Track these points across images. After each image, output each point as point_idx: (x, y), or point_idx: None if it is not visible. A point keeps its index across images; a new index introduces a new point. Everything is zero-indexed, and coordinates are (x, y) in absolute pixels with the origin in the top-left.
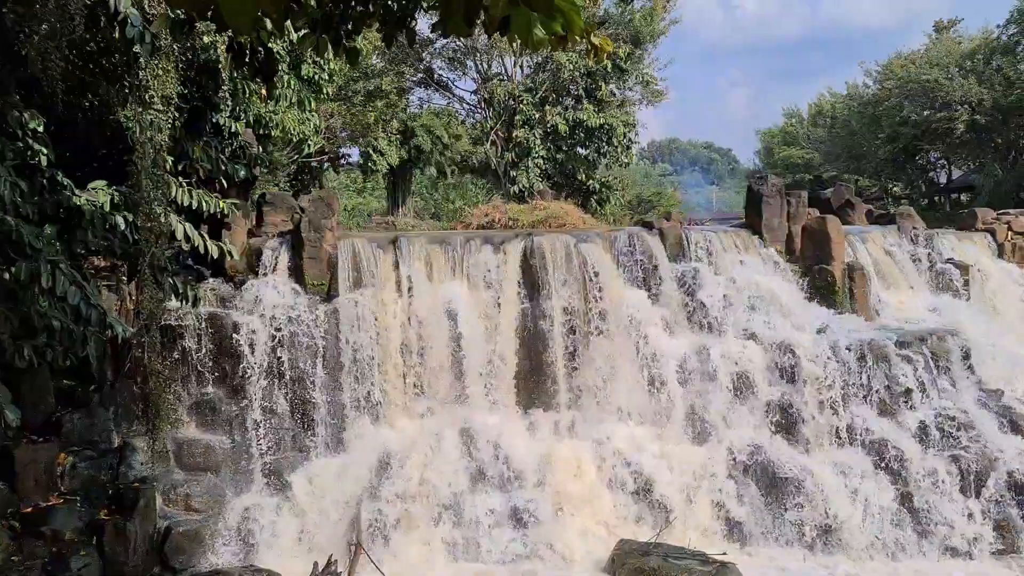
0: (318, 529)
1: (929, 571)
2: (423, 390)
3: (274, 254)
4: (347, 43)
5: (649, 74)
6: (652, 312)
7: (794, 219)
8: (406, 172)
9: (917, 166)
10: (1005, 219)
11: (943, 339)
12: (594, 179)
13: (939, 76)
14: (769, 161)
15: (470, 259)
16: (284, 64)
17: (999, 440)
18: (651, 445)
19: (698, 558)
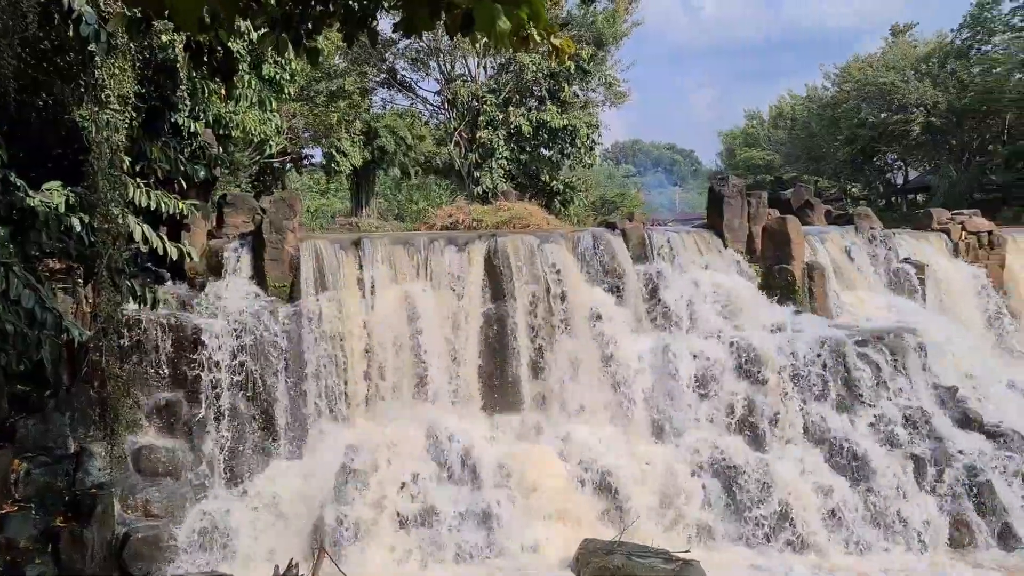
0: (280, 533)
1: (888, 565)
2: (387, 392)
3: (235, 256)
4: (307, 43)
5: (612, 75)
6: (615, 312)
7: (755, 220)
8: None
9: (875, 167)
10: (959, 219)
11: (900, 337)
12: (558, 180)
13: (895, 79)
14: (731, 162)
15: (433, 260)
16: (245, 64)
17: (954, 436)
18: (615, 445)
19: (661, 556)
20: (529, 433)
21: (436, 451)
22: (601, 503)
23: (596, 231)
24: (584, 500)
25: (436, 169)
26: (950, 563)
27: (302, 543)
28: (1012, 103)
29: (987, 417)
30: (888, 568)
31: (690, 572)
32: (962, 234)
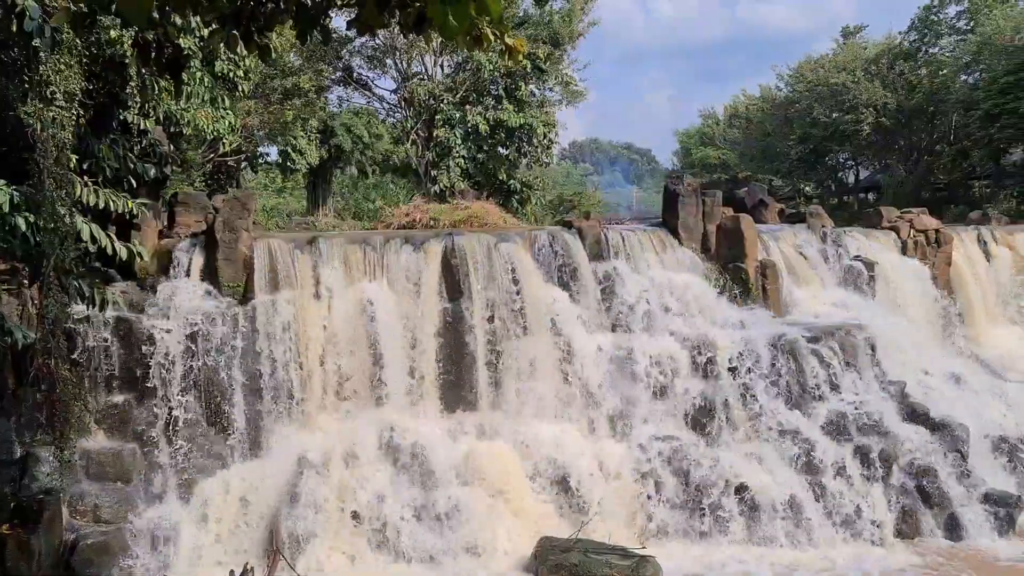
0: (235, 537)
1: (839, 557)
2: (343, 393)
3: (187, 255)
4: (259, 39)
5: (569, 75)
6: (572, 311)
7: (709, 218)
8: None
9: (827, 166)
10: (908, 217)
11: (850, 333)
12: (515, 179)
13: (846, 80)
14: (687, 161)
15: (390, 259)
16: (197, 60)
17: (901, 429)
18: (572, 442)
19: (618, 552)
20: (486, 432)
21: (392, 451)
22: (558, 501)
23: (553, 230)
24: (541, 498)
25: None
26: (898, 554)
27: (257, 546)
28: (958, 104)
29: (933, 411)
30: (839, 560)
31: (646, 567)
32: (910, 232)
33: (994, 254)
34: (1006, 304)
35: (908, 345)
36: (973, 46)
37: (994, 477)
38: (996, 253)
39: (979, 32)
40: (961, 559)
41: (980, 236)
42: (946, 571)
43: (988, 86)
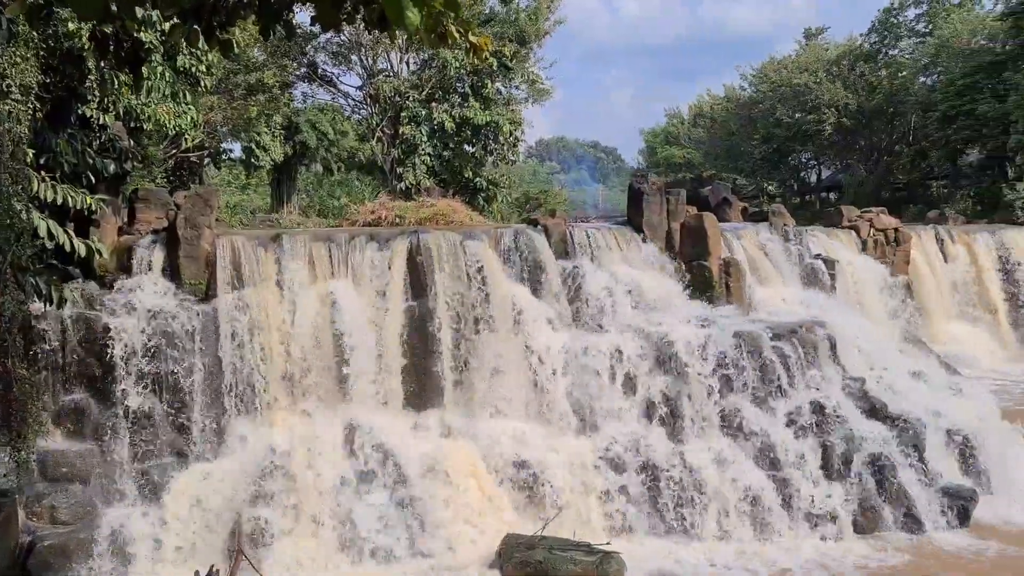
0: (197, 537)
1: (799, 551)
2: (307, 391)
3: (148, 253)
4: (221, 35)
5: (535, 73)
6: (537, 308)
7: (674, 216)
8: (291, 168)
9: (790, 166)
10: (867, 216)
11: (812, 331)
12: (481, 177)
13: (808, 80)
14: (652, 160)
15: (355, 257)
16: (157, 54)
17: (861, 425)
18: (537, 440)
19: (582, 549)
20: (451, 429)
21: (357, 449)
22: (523, 498)
23: (518, 228)
24: (506, 496)
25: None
26: (858, 548)
27: (219, 546)
28: (916, 105)
29: (892, 407)
30: (799, 553)
31: (611, 564)
32: (870, 231)
33: (951, 253)
34: (962, 301)
35: (868, 342)
36: (931, 48)
37: (950, 471)
38: (953, 252)
39: (937, 35)
40: (918, 552)
41: (938, 235)
42: (903, 564)
43: (945, 88)
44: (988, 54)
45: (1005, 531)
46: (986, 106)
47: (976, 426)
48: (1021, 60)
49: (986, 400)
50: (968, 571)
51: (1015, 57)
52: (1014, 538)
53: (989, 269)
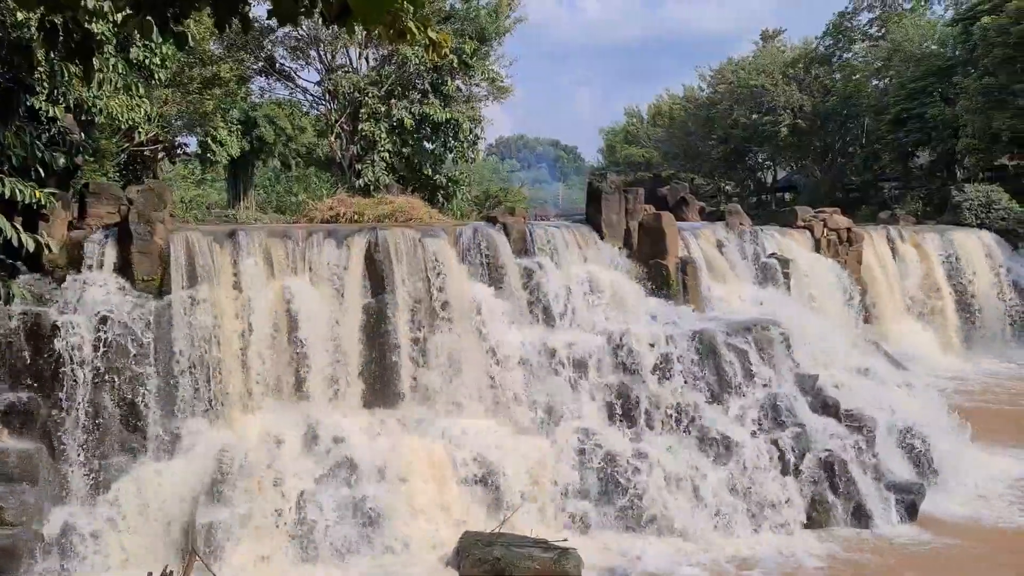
0: (149, 538)
1: (752, 546)
2: (263, 389)
3: (99, 248)
4: (175, 27)
5: (495, 71)
6: (496, 306)
7: (632, 215)
8: (248, 164)
9: (747, 166)
10: (821, 217)
11: (766, 329)
12: (441, 174)
13: (765, 82)
14: (612, 159)
15: (312, 254)
16: (110, 46)
17: (814, 422)
18: (495, 437)
19: (540, 546)
20: (410, 427)
21: (314, 448)
22: (481, 495)
23: (478, 225)
24: (464, 493)
25: (317, 161)
26: (809, 542)
27: (172, 547)
28: (869, 108)
29: (844, 403)
30: (753, 549)
31: (567, 559)
32: (824, 231)
33: (902, 253)
34: (912, 301)
35: (820, 340)
36: (884, 52)
37: (899, 466)
38: (903, 252)
39: (890, 39)
40: (867, 546)
41: (889, 236)
42: (853, 558)
43: (897, 91)
44: (938, 59)
45: (951, 524)
46: (936, 110)
47: (924, 422)
48: (970, 65)
49: (934, 397)
50: (914, 563)
51: (964, 62)
52: (959, 531)
53: (938, 269)
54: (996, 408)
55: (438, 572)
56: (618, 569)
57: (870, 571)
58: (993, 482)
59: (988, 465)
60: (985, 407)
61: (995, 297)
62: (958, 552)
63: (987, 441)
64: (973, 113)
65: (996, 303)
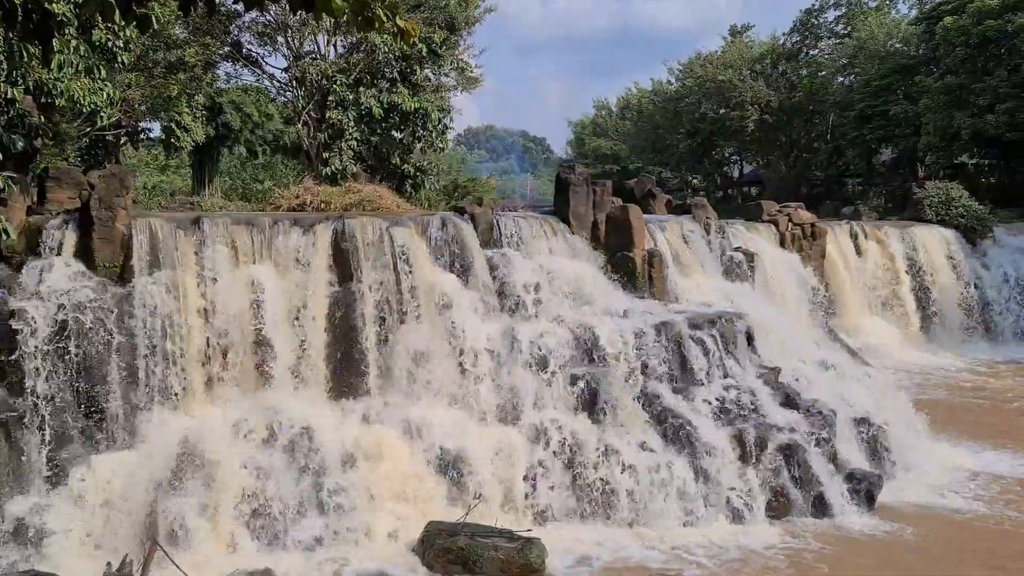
0: (109, 528)
1: (714, 535)
2: (227, 377)
3: (59, 233)
4: (138, 9)
5: (464, 60)
6: (463, 296)
7: (599, 207)
8: (213, 150)
9: (713, 160)
10: (786, 211)
11: (730, 322)
12: (409, 163)
13: (733, 77)
14: (580, 151)
15: (278, 242)
16: (71, 27)
17: (775, 413)
18: (461, 427)
19: (505, 535)
20: (375, 417)
21: (278, 437)
22: (446, 486)
23: (445, 215)
24: (429, 483)
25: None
26: (769, 532)
27: (133, 537)
28: (835, 104)
29: (805, 396)
30: (715, 539)
31: (532, 549)
32: (788, 225)
33: (864, 248)
34: (873, 295)
35: (783, 333)
36: (849, 50)
37: (858, 457)
38: (866, 247)
39: (855, 37)
40: (826, 536)
41: (852, 231)
42: (811, 547)
43: (862, 88)
44: (902, 57)
45: (909, 513)
46: (898, 107)
47: (883, 414)
48: (932, 64)
49: (893, 390)
50: (872, 552)
51: (926, 61)
52: (916, 519)
53: (899, 264)
54: (954, 401)
55: (402, 562)
56: (582, 558)
57: (829, 560)
58: (949, 473)
59: (945, 457)
60: (943, 400)
61: (954, 292)
62: (914, 541)
63: (944, 433)
64: (934, 111)
65: (955, 298)
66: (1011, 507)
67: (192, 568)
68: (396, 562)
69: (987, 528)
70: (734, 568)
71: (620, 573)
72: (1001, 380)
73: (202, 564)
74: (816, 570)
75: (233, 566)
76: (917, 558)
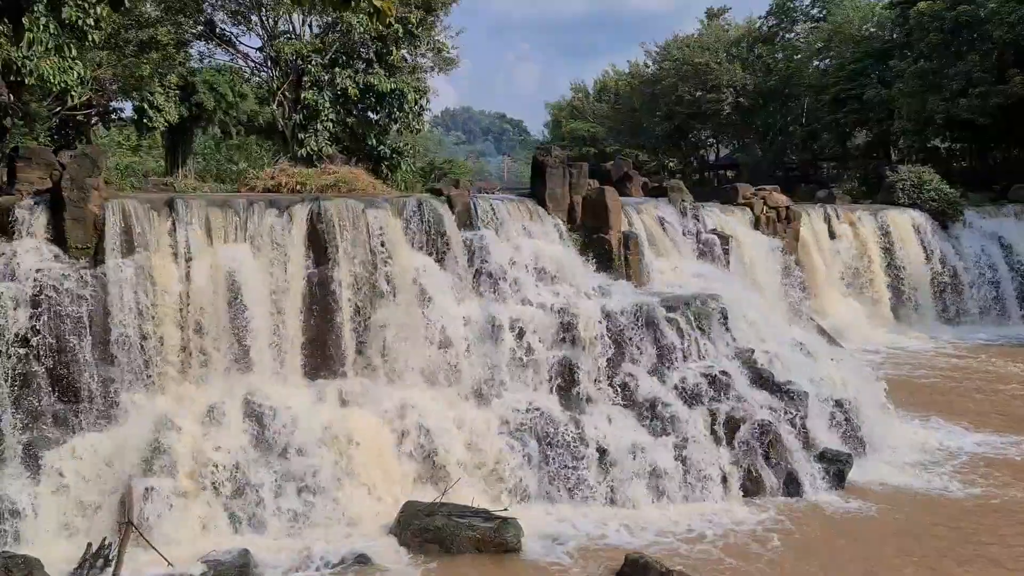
0: (85, 510)
1: (688, 514)
2: (202, 359)
3: (30, 214)
4: None
5: (441, 41)
6: (439, 278)
7: (576, 190)
8: (187, 131)
9: (690, 143)
10: (761, 194)
11: (705, 303)
12: (385, 145)
13: (710, 60)
14: (557, 133)
15: (253, 223)
16: (40, 5)
17: (749, 394)
18: (437, 409)
19: (481, 515)
20: (351, 399)
21: (254, 418)
22: (423, 466)
23: (422, 197)
24: (406, 463)
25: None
26: (742, 510)
27: (109, 519)
28: (810, 88)
29: (777, 376)
30: (689, 517)
31: (507, 529)
32: (763, 208)
33: (838, 231)
34: (846, 277)
35: (757, 314)
36: (825, 34)
37: (828, 437)
38: (839, 230)
39: (831, 21)
40: (797, 513)
41: (826, 214)
42: (783, 525)
43: (837, 72)
44: (877, 41)
45: (877, 492)
46: (873, 91)
47: (854, 395)
48: (906, 49)
49: (864, 370)
50: (841, 529)
51: (901, 46)
52: (884, 498)
53: (871, 247)
54: (923, 381)
55: (379, 542)
56: (557, 537)
57: (799, 537)
58: (917, 452)
59: (913, 435)
60: (913, 380)
61: (925, 275)
62: (882, 518)
63: (913, 413)
64: (908, 96)
65: (925, 280)
66: (974, 484)
67: (168, 549)
68: (373, 542)
69: (949, 503)
70: (706, 545)
71: (594, 551)
72: (969, 360)
73: (178, 545)
74: (783, 546)
75: (210, 547)
76: (883, 534)
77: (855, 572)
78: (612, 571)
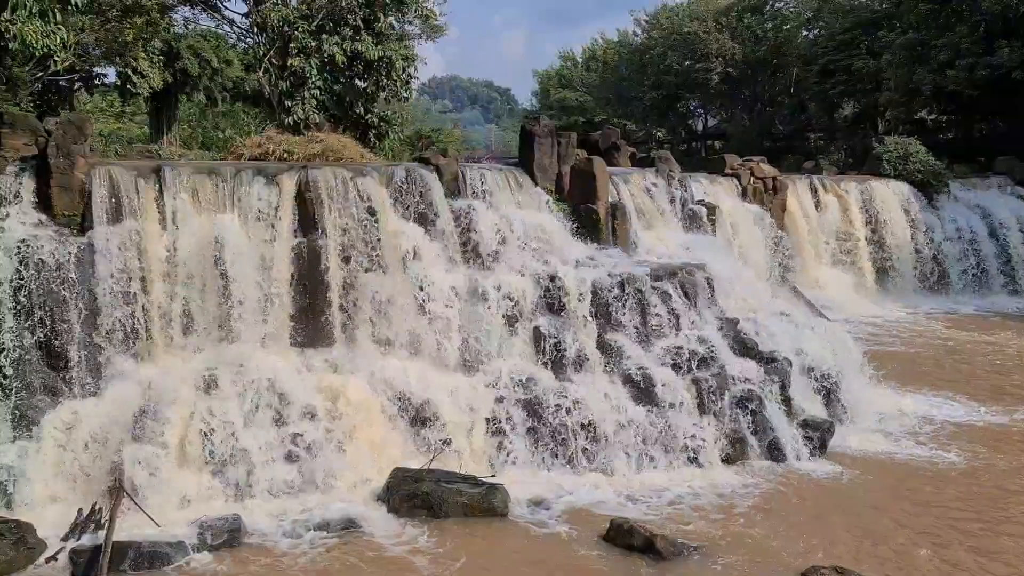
0: (74, 476)
1: (672, 479)
2: (191, 328)
3: (15, 181)
4: None
5: (429, 8)
6: (427, 247)
7: (564, 159)
8: (171, 97)
9: (678, 113)
10: (748, 165)
11: (691, 273)
12: (373, 113)
13: (698, 29)
14: (545, 102)
15: (241, 191)
16: None
17: (733, 363)
18: (425, 376)
19: (468, 481)
20: (340, 367)
21: (243, 386)
22: (411, 433)
23: (410, 166)
24: (394, 431)
25: (245, 96)
26: (725, 476)
27: (99, 485)
28: (798, 59)
29: (762, 346)
30: (673, 483)
31: (495, 494)
32: (750, 179)
33: (824, 202)
34: (832, 248)
35: (743, 285)
36: (814, 3)
37: (811, 405)
38: (826, 201)
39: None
40: (780, 479)
41: (812, 185)
42: (766, 489)
43: (825, 43)
44: (866, 11)
45: (858, 458)
46: (861, 62)
47: (837, 364)
48: (895, 19)
49: (847, 340)
50: (822, 492)
51: (889, 16)
52: (864, 464)
53: (856, 218)
54: (905, 351)
55: (368, 508)
56: (543, 503)
57: (782, 500)
58: (897, 419)
59: (893, 404)
60: (895, 350)
61: (909, 246)
62: (863, 482)
63: (895, 381)
64: (895, 67)
65: (909, 252)
66: (949, 450)
67: (160, 515)
68: (362, 508)
69: (923, 469)
70: (689, 510)
71: (580, 516)
72: (951, 331)
73: (170, 511)
74: (766, 510)
75: (200, 513)
76: (863, 497)
77: (837, 533)
78: (598, 535)
